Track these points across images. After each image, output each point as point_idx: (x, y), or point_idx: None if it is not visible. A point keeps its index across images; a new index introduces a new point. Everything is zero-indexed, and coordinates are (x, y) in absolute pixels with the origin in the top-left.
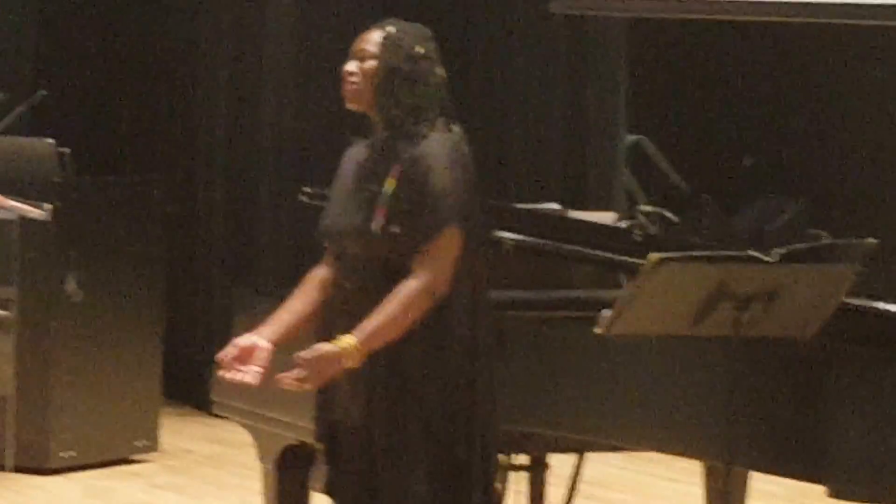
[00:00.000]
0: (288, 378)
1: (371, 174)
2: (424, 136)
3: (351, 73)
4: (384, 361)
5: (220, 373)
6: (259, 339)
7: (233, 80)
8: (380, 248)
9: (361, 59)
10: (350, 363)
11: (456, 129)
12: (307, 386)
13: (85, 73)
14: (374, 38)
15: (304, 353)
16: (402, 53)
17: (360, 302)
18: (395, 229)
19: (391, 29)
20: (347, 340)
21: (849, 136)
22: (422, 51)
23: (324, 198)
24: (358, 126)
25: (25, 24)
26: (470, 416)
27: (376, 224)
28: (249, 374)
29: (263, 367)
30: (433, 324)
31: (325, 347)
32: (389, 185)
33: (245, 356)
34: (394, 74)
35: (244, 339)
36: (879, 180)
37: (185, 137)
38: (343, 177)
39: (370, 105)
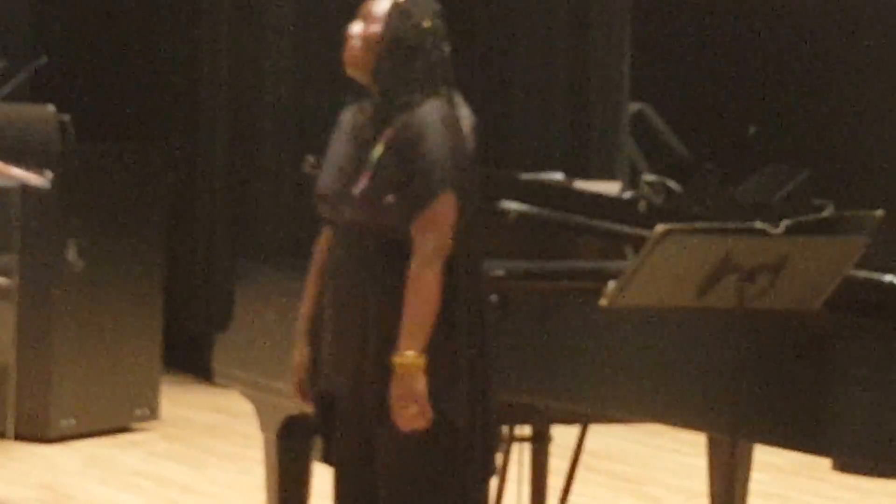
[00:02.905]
0: (409, 427)
1: (362, 140)
2: (418, 105)
3: (352, 36)
4: (374, 327)
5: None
6: (305, 349)
7: (234, 49)
8: (367, 214)
9: (366, 23)
10: (416, 369)
11: (457, 99)
12: (428, 417)
13: (86, 40)
14: (383, 4)
15: (395, 418)
16: (409, 24)
17: (350, 269)
18: (383, 196)
19: None
20: (396, 359)
21: (853, 106)
22: (429, 24)
23: (323, 167)
24: (357, 95)
25: None
26: (467, 382)
27: (357, 189)
28: None
29: None
30: None
31: (393, 386)
32: (377, 151)
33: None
34: (397, 44)
35: (298, 369)
36: (883, 150)
37: (187, 105)
38: (337, 142)
39: (368, 70)
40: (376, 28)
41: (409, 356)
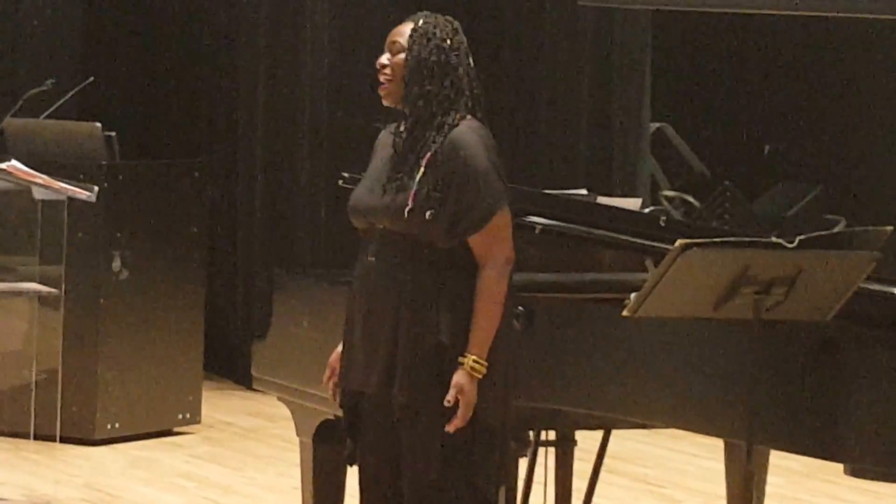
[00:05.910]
0: (454, 426)
1: (400, 160)
2: (454, 126)
3: (383, 66)
4: (405, 329)
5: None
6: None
7: (272, 67)
8: (412, 229)
9: (392, 52)
10: (479, 375)
11: (479, 116)
12: (467, 417)
13: (130, 60)
14: (404, 31)
15: (449, 396)
16: (431, 45)
17: (380, 274)
18: (427, 214)
19: (421, 21)
20: (468, 360)
21: (864, 127)
22: (450, 42)
23: (359, 182)
24: (389, 114)
25: (72, 13)
26: (490, 383)
27: (398, 205)
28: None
29: None
30: (458, 294)
31: (457, 378)
32: (418, 172)
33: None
34: (422, 66)
35: (333, 357)
36: (893, 168)
37: (227, 122)
38: (375, 159)
39: (399, 97)
40: (401, 55)
41: (470, 361)
